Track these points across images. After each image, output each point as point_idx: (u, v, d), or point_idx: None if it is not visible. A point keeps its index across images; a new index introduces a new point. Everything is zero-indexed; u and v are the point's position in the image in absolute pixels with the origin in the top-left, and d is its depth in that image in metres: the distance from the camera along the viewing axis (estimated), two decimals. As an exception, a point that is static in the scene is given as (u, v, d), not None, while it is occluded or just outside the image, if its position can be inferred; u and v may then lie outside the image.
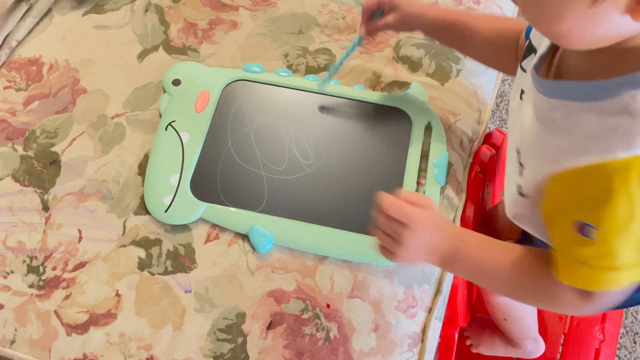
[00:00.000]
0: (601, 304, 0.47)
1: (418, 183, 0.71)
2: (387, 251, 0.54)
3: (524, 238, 0.70)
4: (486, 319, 0.98)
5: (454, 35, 0.67)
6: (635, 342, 1.18)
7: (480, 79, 0.82)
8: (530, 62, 0.51)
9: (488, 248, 0.53)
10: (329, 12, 0.85)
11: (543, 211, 0.48)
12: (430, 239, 0.52)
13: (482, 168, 0.78)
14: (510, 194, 0.54)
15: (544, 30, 0.42)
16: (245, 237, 0.68)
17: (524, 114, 0.50)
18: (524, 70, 0.53)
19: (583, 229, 0.42)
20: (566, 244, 0.44)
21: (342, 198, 0.70)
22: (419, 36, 0.82)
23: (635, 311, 1.21)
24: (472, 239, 0.54)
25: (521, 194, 0.51)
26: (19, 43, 0.81)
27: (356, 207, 0.69)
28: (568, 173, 0.42)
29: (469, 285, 0.85)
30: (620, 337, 1.18)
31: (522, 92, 0.51)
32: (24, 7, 0.82)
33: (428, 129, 0.75)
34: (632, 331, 1.19)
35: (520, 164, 0.50)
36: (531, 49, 0.53)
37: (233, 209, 0.68)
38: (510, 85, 1.46)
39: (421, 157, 0.73)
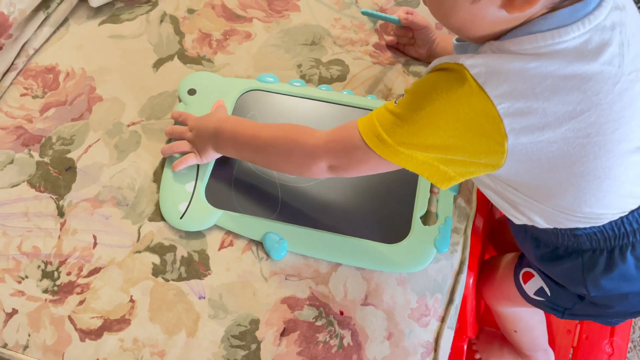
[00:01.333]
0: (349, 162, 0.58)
1: (431, 191, 0.71)
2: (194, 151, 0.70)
3: (530, 245, 0.70)
4: (494, 331, 0.98)
5: None
6: (643, 357, 1.17)
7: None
8: None
9: (244, 123, 0.67)
10: (341, 27, 0.86)
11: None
12: (201, 124, 0.70)
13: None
14: None
15: (446, 23, 0.54)
16: (259, 243, 0.68)
17: None
18: None
19: (400, 97, 0.53)
20: (382, 107, 0.55)
21: (355, 206, 0.70)
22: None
23: (644, 326, 1.21)
24: (231, 119, 0.69)
25: None
26: (36, 51, 0.82)
27: (369, 214, 0.70)
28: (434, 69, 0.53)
29: (478, 296, 0.85)
30: (628, 352, 1.17)
31: None
32: (41, 16, 0.83)
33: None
34: (639, 345, 1.19)
35: None
36: None
37: (247, 216, 0.69)
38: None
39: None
